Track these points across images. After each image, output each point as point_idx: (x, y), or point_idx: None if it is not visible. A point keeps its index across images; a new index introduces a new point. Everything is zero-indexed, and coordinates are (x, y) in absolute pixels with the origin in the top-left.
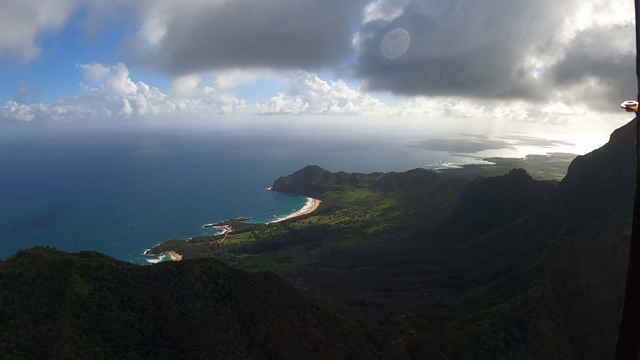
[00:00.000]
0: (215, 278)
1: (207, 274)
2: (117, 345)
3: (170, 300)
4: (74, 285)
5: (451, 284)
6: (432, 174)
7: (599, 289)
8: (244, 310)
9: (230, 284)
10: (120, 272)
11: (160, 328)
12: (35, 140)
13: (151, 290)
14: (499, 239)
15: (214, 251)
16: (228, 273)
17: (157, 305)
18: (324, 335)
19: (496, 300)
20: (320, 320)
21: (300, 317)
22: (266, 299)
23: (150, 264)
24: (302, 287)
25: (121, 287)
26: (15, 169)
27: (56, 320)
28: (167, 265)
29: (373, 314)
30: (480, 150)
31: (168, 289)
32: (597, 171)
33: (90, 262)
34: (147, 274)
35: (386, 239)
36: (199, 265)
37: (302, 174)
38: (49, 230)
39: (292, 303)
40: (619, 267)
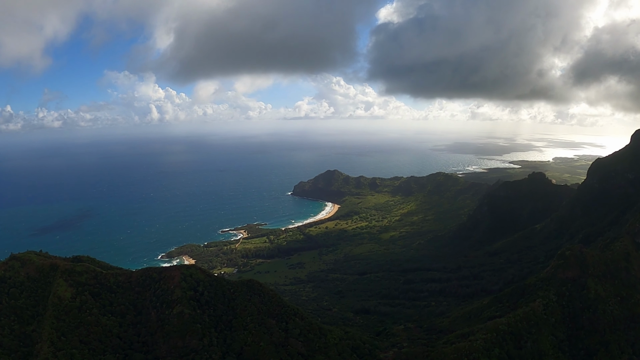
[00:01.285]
0: (195, 285)
1: (186, 281)
2: (94, 349)
3: (150, 306)
4: (57, 289)
5: (460, 293)
6: (453, 178)
7: (608, 303)
8: (222, 319)
9: (209, 291)
10: (103, 277)
11: (139, 333)
12: (64, 146)
13: (132, 295)
14: (514, 245)
15: (227, 256)
16: (209, 280)
17: (137, 310)
18: (304, 347)
19: (497, 313)
20: (303, 331)
21: (281, 327)
22: (246, 308)
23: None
24: (310, 293)
25: (103, 291)
26: (43, 174)
27: (40, 322)
28: (149, 271)
29: (375, 323)
30: (507, 153)
31: (148, 295)
32: (617, 174)
33: (75, 267)
34: (130, 279)
35: (401, 245)
36: (180, 272)
37: (322, 178)
38: (69, 235)
39: (274, 313)
40: (632, 279)
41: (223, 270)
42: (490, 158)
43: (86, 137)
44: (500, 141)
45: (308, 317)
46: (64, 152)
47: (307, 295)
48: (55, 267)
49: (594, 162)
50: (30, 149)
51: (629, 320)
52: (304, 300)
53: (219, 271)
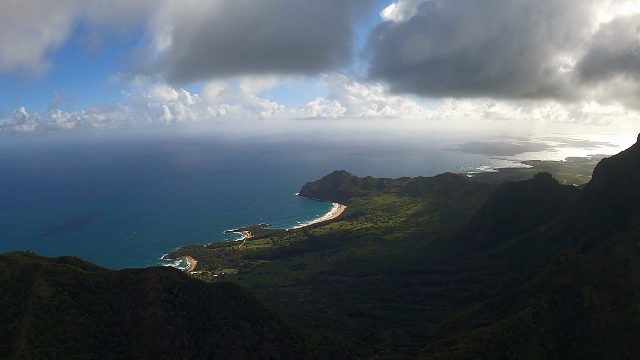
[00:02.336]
0: (170, 287)
1: (162, 283)
2: (70, 347)
3: (126, 307)
4: (37, 288)
5: (457, 297)
6: (461, 179)
7: (603, 312)
8: (196, 321)
9: (185, 293)
10: (83, 277)
11: (114, 333)
12: (77, 147)
13: (110, 296)
14: (517, 248)
15: (229, 257)
16: (185, 282)
17: (114, 311)
18: (278, 352)
19: (485, 320)
20: (279, 335)
21: (256, 331)
22: (221, 311)
23: None
24: (308, 295)
25: (82, 291)
26: (55, 175)
27: (20, 320)
28: (127, 272)
29: (367, 327)
30: (520, 153)
31: (125, 296)
32: (623, 175)
33: (56, 267)
34: (108, 280)
35: (404, 247)
36: (156, 274)
37: (329, 179)
38: (77, 235)
39: (249, 316)
40: (631, 286)
41: (224, 271)
42: (503, 158)
43: (99, 138)
44: (514, 141)
45: (286, 321)
46: (77, 153)
47: (304, 297)
48: (37, 267)
49: (599, 162)
50: (44, 150)
51: (625, 330)
52: (301, 303)
53: (219, 272)
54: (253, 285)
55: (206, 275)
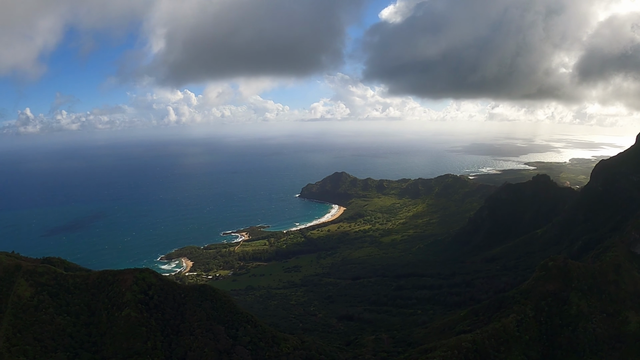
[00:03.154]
0: (146, 289)
1: (138, 285)
2: (47, 346)
3: (102, 308)
4: (17, 288)
5: (448, 302)
6: (461, 180)
7: (591, 320)
8: (170, 323)
9: (160, 295)
10: (63, 278)
11: (90, 333)
12: (82, 148)
13: (87, 297)
14: (513, 251)
15: (225, 259)
16: (160, 285)
17: (91, 311)
18: (252, 356)
19: (468, 327)
20: (253, 339)
21: (230, 334)
22: (195, 313)
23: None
24: (300, 298)
25: (61, 292)
26: (60, 176)
27: (0, 319)
28: (105, 274)
29: (354, 331)
30: (524, 155)
31: (102, 297)
32: (622, 176)
33: (37, 268)
34: (87, 281)
35: (401, 249)
36: (133, 276)
37: (329, 180)
38: (78, 236)
39: (224, 319)
40: (622, 293)
41: (219, 273)
42: (507, 159)
43: (104, 139)
44: (519, 142)
45: (262, 325)
46: (82, 154)
47: (296, 299)
48: (19, 268)
49: (597, 163)
50: (49, 151)
51: (614, 339)
52: (292, 305)
53: (214, 274)
54: (247, 287)
55: (201, 277)
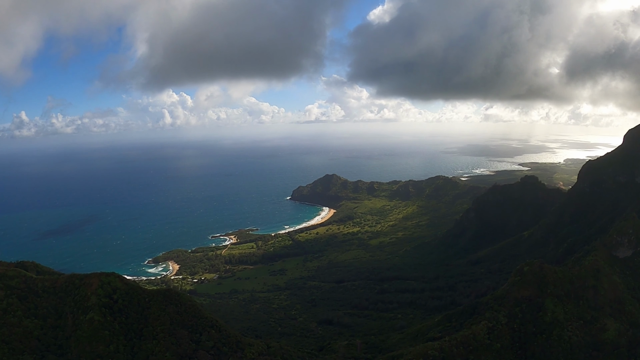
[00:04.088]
0: (111, 293)
1: (103, 289)
2: (14, 348)
3: (68, 311)
4: None
5: (429, 306)
6: (452, 182)
7: (566, 328)
8: (133, 327)
9: (124, 299)
10: (32, 282)
11: (56, 336)
12: (78, 151)
13: (55, 300)
14: (499, 254)
15: (211, 262)
16: (125, 289)
17: (58, 315)
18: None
19: (439, 334)
20: (217, 343)
21: (193, 339)
22: (159, 317)
23: (60, 275)
24: (283, 301)
25: (30, 295)
26: (55, 179)
27: None
28: (73, 277)
29: (332, 335)
30: (519, 155)
31: (69, 301)
32: (608, 177)
33: (7, 272)
34: (55, 285)
35: (388, 252)
36: (98, 280)
37: (320, 183)
38: (68, 240)
39: (188, 323)
40: (601, 299)
41: (204, 276)
42: (501, 160)
43: (100, 142)
44: (514, 143)
45: (227, 329)
46: (77, 157)
47: (279, 303)
48: None
49: (584, 164)
50: (44, 154)
51: (590, 347)
52: (274, 309)
53: (199, 277)
54: (231, 290)
55: (186, 280)
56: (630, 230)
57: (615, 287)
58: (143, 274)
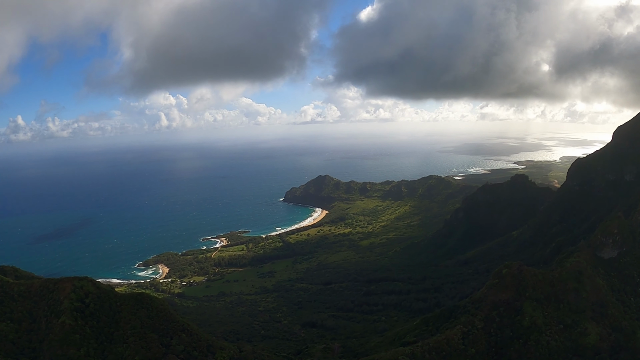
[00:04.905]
0: (83, 297)
1: (76, 293)
2: None
3: (42, 315)
4: None
5: (413, 308)
6: (445, 181)
7: (545, 333)
8: (104, 331)
9: (96, 303)
10: (8, 286)
11: (31, 340)
12: (74, 155)
13: (30, 304)
14: (488, 254)
15: (200, 265)
16: (97, 293)
17: (33, 318)
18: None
19: (414, 338)
20: (187, 347)
21: (164, 342)
22: (130, 321)
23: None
24: (270, 304)
25: (6, 299)
26: (50, 183)
27: None
28: (48, 282)
29: (315, 338)
30: (515, 154)
31: (43, 305)
32: (597, 175)
33: None
34: (30, 289)
35: (378, 253)
36: (71, 284)
37: (313, 184)
38: (61, 244)
39: (159, 327)
40: (582, 303)
41: (193, 279)
42: (497, 159)
43: (96, 145)
44: (510, 141)
45: (198, 333)
46: (74, 161)
47: (265, 305)
48: None
49: (574, 162)
50: (41, 158)
51: (570, 352)
52: (259, 311)
53: (188, 280)
54: (219, 293)
55: (175, 283)
56: (615, 230)
57: (598, 290)
58: (133, 277)
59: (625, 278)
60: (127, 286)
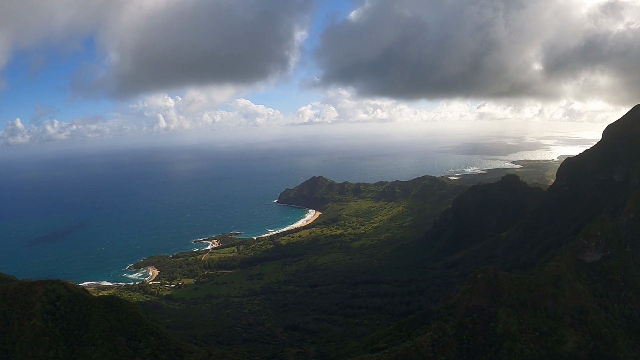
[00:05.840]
0: (54, 300)
1: (48, 296)
2: None
3: (15, 318)
4: None
5: (396, 311)
6: (439, 182)
7: (519, 340)
8: (74, 333)
9: (67, 306)
10: None
11: (4, 342)
12: (73, 157)
13: (4, 307)
14: (475, 256)
15: (190, 267)
16: (68, 296)
17: (7, 321)
18: None
19: (385, 344)
20: (155, 351)
21: (132, 345)
22: (99, 324)
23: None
24: (255, 306)
25: None
26: (48, 186)
27: None
28: (21, 285)
29: (295, 341)
30: (513, 153)
31: (16, 307)
32: (587, 175)
33: None
34: (5, 292)
35: (367, 255)
36: (43, 287)
37: (307, 185)
38: (57, 246)
39: (127, 330)
40: (560, 309)
41: (182, 282)
42: (495, 158)
43: (95, 148)
44: (509, 140)
45: (167, 337)
46: (72, 163)
47: (250, 308)
48: None
49: (563, 162)
50: (40, 161)
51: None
52: (244, 314)
53: (177, 282)
54: (206, 295)
55: (164, 286)
56: (599, 233)
57: (578, 295)
58: (123, 279)
59: (609, 283)
60: (116, 288)
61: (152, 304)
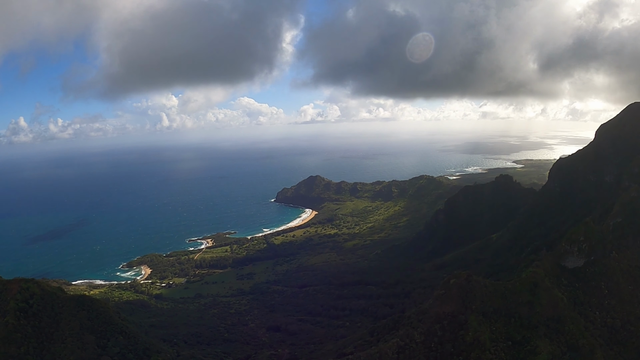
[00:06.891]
0: (28, 298)
1: (22, 294)
2: None
3: None
4: None
5: (379, 314)
6: (436, 182)
7: (489, 350)
8: (45, 331)
9: (39, 304)
10: None
11: None
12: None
13: None
14: (465, 258)
15: (182, 266)
16: (42, 294)
17: None
18: None
19: (353, 350)
20: (123, 350)
21: (100, 344)
22: (70, 322)
23: None
24: (242, 306)
25: None
26: (50, 184)
27: None
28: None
29: (275, 343)
30: (516, 152)
31: None
32: (579, 176)
33: None
34: None
35: (359, 255)
36: (18, 285)
37: (304, 184)
38: (54, 245)
39: (97, 329)
40: (536, 317)
41: (173, 281)
42: (497, 158)
43: (98, 146)
44: (512, 140)
45: (137, 336)
46: (75, 162)
47: (237, 308)
48: None
49: (555, 162)
50: (43, 159)
51: None
52: (230, 314)
53: (168, 281)
54: (195, 294)
55: (155, 285)
56: (582, 238)
57: (555, 303)
58: (115, 278)
59: (591, 290)
60: (108, 287)
61: (140, 302)
